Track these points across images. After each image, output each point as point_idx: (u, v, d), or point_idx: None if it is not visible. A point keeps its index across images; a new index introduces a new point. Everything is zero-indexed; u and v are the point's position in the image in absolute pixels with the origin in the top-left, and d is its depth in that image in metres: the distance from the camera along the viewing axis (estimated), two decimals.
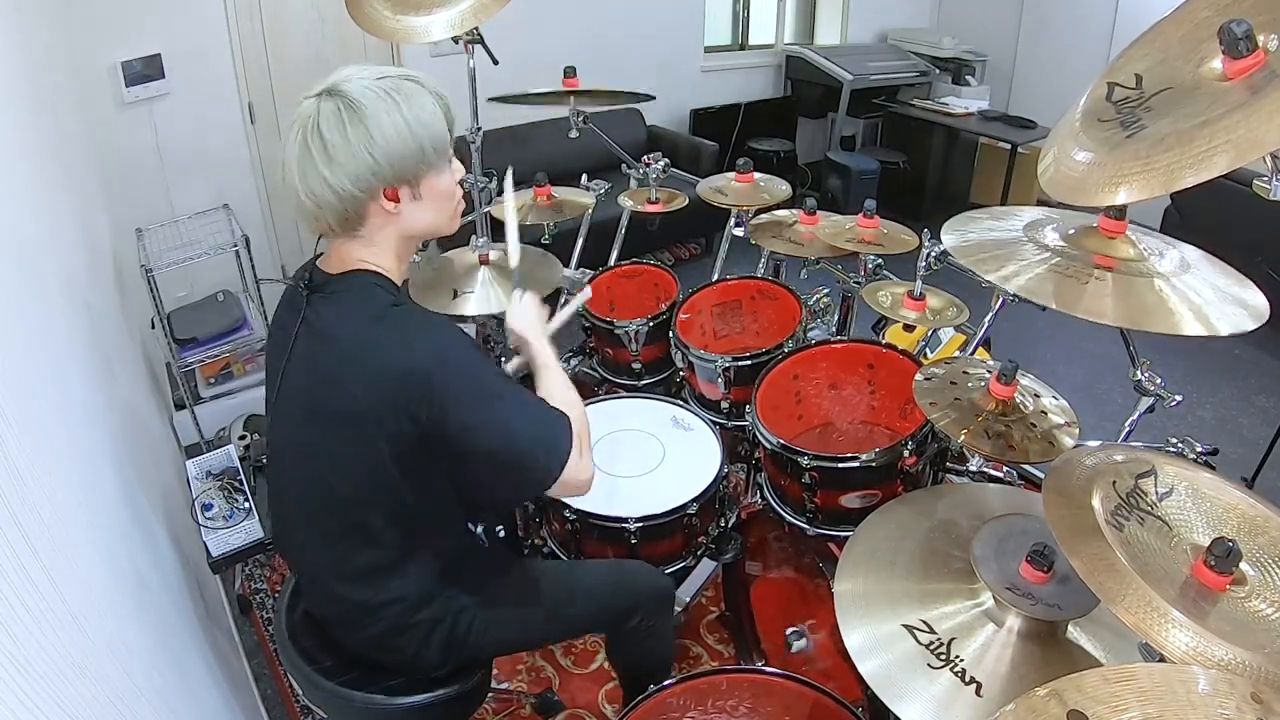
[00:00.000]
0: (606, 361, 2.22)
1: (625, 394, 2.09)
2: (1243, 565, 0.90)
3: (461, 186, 1.22)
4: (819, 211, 2.17)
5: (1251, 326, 1.18)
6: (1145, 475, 1.02)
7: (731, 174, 2.33)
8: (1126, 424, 1.50)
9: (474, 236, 2.41)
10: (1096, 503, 0.95)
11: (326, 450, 1.16)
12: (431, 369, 1.08)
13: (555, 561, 1.75)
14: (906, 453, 1.52)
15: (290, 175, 1.09)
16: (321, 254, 1.23)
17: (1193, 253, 1.35)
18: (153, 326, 2.70)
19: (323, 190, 1.07)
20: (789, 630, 1.61)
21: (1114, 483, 1.00)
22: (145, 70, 3.00)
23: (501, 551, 1.49)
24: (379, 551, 1.21)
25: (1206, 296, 1.21)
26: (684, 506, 1.64)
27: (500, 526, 1.51)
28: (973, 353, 1.92)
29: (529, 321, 1.41)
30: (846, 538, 1.29)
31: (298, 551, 1.32)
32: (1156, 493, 1.00)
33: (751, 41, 5.34)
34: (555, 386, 1.29)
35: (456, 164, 1.18)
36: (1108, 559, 0.87)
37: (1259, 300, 1.24)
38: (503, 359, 2.41)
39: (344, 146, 1.05)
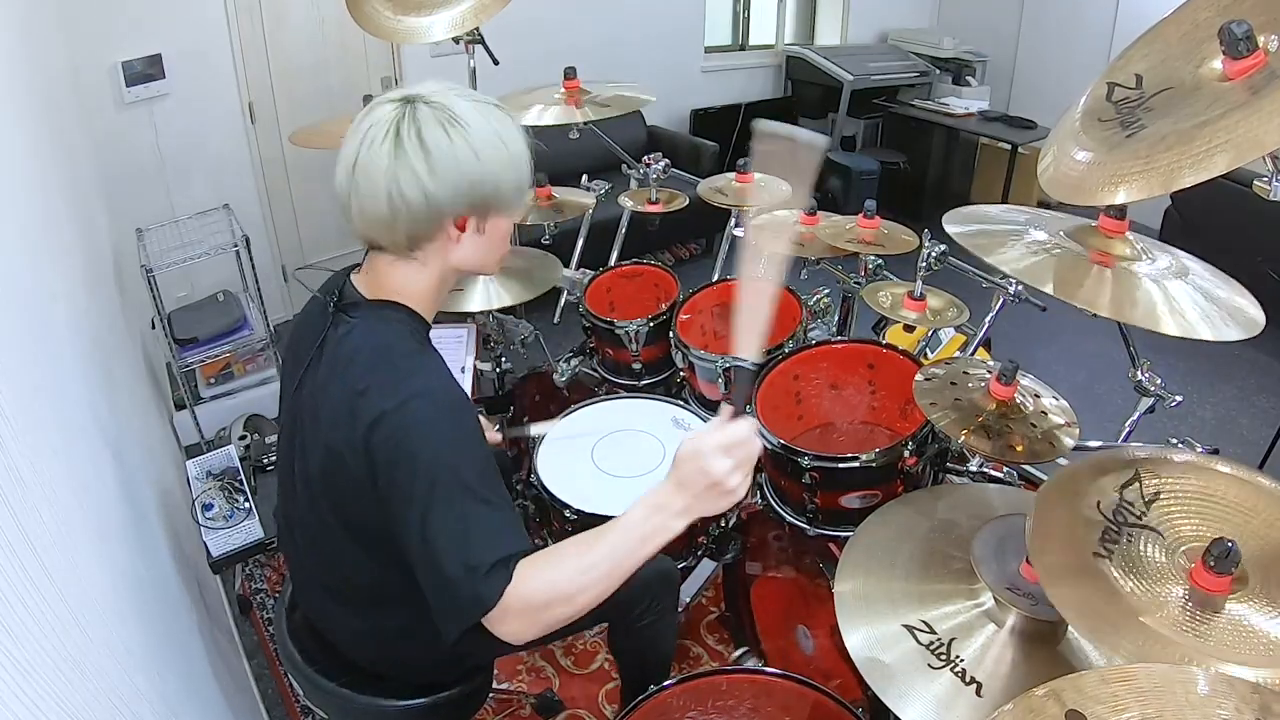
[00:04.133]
0: (607, 361, 2.22)
1: (625, 394, 2.09)
2: (1242, 566, 0.90)
3: None
4: (819, 212, 2.17)
5: (1239, 337, 1.17)
6: (1129, 484, 1.02)
7: (732, 174, 2.33)
8: (1126, 424, 1.50)
9: None
10: (1084, 534, 0.95)
11: (326, 478, 1.10)
12: (399, 425, 0.97)
13: None
14: (907, 453, 1.52)
15: (371, 176, 1.00)
16: (357, 267, 1.15)
17: (1192, 261, 1.34)
18: (153, 326, 2.70)
19: (415, 196, 0.99)
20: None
21: (1098, 503, 0.99)
22: (145, 70, 3.00)
23: None
24: (376, 582, 1.17)
25: (1200, 303, 1.21)
26: None
27: None
28: (973, 353, 1.92)
29: (701, 467, 0.99)
30: (847, 538, 1.29)
31: (298, 566, 1.30)
32: (1143, 499, 1.00)
33: (752, 42, 5.34)
34: (610, 550, 0.98)
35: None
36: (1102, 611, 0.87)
37: (1255, 313, 1.24)
38: (502, 358, 2.42)
39: (449, 155, 0.99)
